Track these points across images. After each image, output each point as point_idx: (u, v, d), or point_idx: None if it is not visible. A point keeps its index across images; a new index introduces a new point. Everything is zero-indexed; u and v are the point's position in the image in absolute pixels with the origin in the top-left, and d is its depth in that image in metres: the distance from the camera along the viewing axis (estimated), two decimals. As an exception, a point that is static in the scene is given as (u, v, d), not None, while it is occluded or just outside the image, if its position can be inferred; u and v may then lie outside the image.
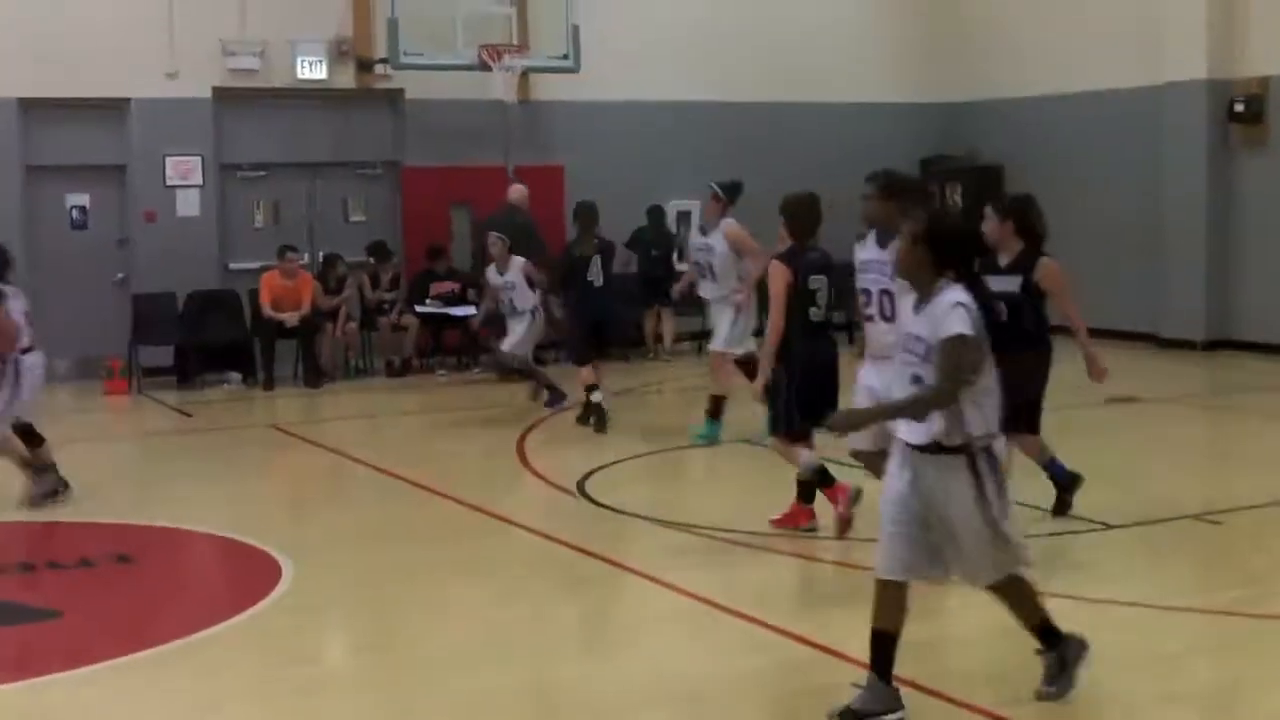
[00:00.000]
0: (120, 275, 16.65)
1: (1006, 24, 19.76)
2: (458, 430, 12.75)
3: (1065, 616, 6.90)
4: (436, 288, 16.74)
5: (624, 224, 17.13)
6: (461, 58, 16.69)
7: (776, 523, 8.66)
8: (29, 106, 16.07)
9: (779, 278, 8.43)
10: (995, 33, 19.90)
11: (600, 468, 10.66)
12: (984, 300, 5.52)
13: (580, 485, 10.08)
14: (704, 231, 12.21)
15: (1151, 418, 13.20)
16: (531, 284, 13.47)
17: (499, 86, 16.79)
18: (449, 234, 17.55)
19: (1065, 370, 8.56)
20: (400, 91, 17.55)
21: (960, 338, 5.36)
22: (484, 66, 16.69)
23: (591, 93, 17.93)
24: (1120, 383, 14.61)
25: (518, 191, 16.14)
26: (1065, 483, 8.93)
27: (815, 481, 8.59)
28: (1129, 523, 8.76)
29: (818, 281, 8.59)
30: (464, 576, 8.08)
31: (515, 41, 17.06)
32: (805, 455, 8.55)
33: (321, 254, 17.08)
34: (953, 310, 5.41)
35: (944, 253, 5.53)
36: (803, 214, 8.82)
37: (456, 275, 16.95)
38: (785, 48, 19.29)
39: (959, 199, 20.11)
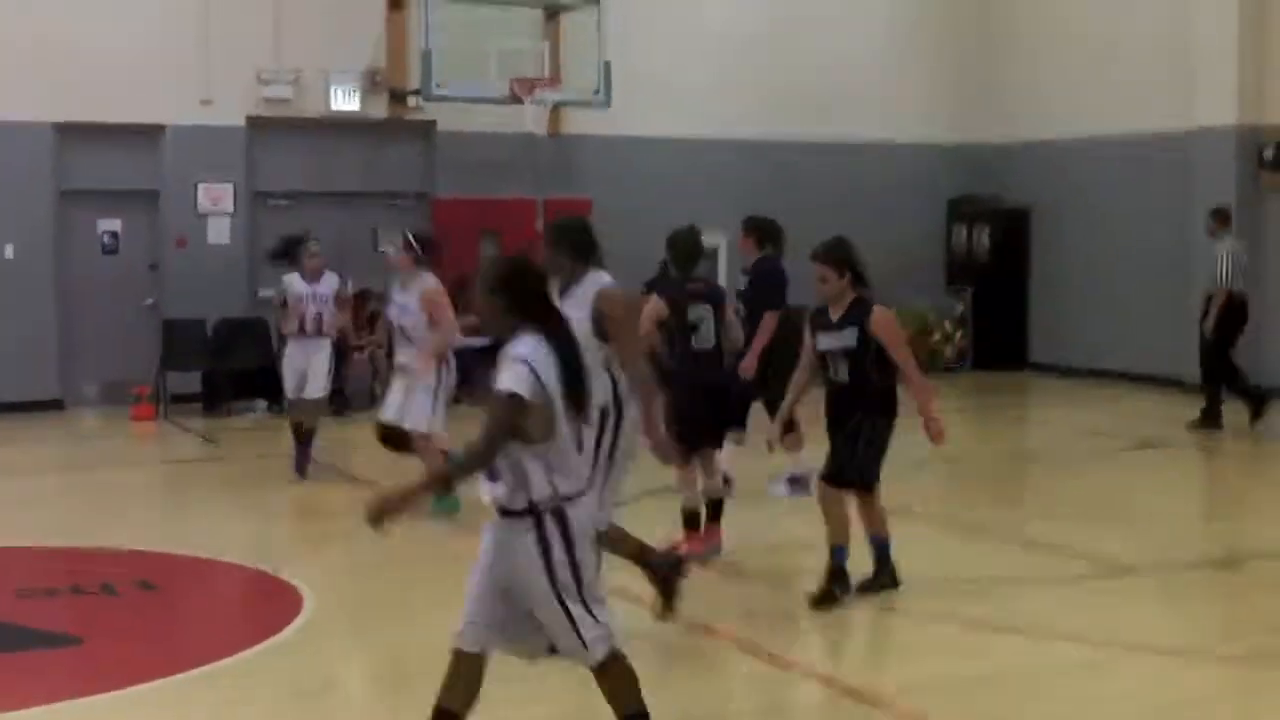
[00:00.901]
0: (150, 300, 16.77)
1: (1037, 67, 19.78)
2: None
3: (1085, 660, 6.92)
4: (464, 320, 16.77)
5: (652, 259, 17.14)
6: (493, 90, 16.78)
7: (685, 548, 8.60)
8: (63, 131, 16.22)
9: (652, 312, 8.70)
10: (1025, 75, 19.92)
11: (624, 501, 10.62)
12: (565, 347, 5.15)
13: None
14: (402, 286, 10.82)
15: (1176, 462, 13.15)
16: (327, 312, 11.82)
17: (530, 120, 16.90)
18: (478, 266, 17.60)
19: (1091, 415, 8.58)
20: (432, 123, 17.66)
21: (509, 395, 4.96)
22: (515, 99, 16.79)
23: (622, 128, 18.01)
24: (1146, 426, 14.66)
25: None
26: (879, 560, 8.11)
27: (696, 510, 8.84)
28: (1150, 567, 8.72)
29: (698, 311, 8.89)
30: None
31: (547, 75, 17.16)
32: (685, 486, 8.86)
33: (351, 288, 17.10)
34: (510, 365, 5.02)
35: (517, 299, 5.18)
36: (682, 247, 9.14)
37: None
38: (815, 87, 19.34)
39: (986, 240, 20.16)
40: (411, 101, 17.38)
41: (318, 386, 12.09)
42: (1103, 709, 6.20)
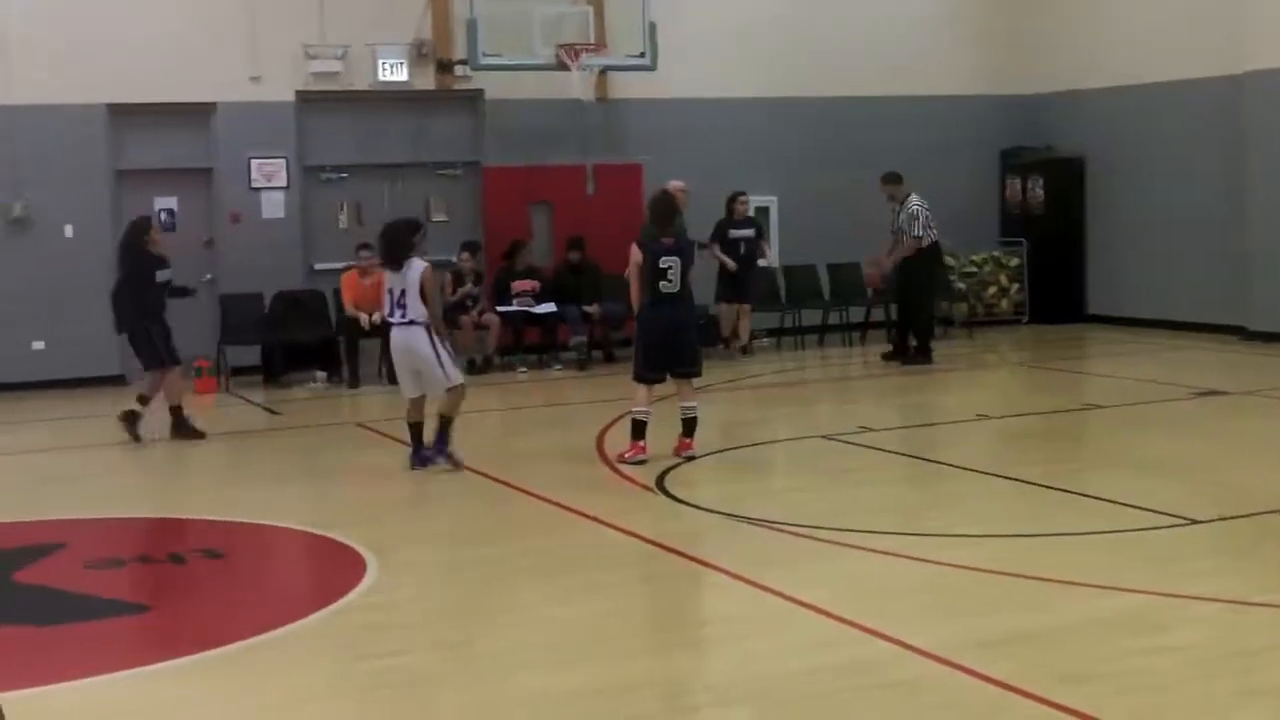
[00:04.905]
0: (208, 276, 16.93)
1: (1086, 14, 19.61)
2: (538, 427, 12.86)
3: (1147, 611, 6.90)
4: (517, 286, 16.88)
5: (704, 221, 17.09)
6: (539, 58, 16.80)
7: (619, 457, 10.80)
8: (117, 112, 16.39)
9: (633, 259, 10.75)
10: (1075, 24, 19.76)
11: (679, 464, 10.71)
12: None
13: (660, 482, 10.14)
14: None
15: (1236, 411, 13.04)
16: None
17: (577, 86, 16.90)
18: (529, 233, 17.68)
19: (1150, 365, 8.54)
20: (480, 92, 17.71)
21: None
22: (562, 66, 16.81)
23: (669, 90, 18.00)
24: (1205, 376, 14.55)
25: (675, 187, 16.42)
26: None
27: (644, 423, 10.73)
28: (1212, 517, 8.69)
29: (669, 261, 10.62)
30: (545, 573, 8.15)
31: (592, 40, 17.15)
32: (640, 403, 10.73)
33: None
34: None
35: None
36: (657, 209, 10.91)
37: (536, 273, 17.08)
38: (863, 42, 19.27)
39: (1040, 191, 20.02)
40: (459, 71, 17.43)
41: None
42: (1166, 660, 6.19)
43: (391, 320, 10.75)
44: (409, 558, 8.50)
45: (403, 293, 10.61)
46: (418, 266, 10.67)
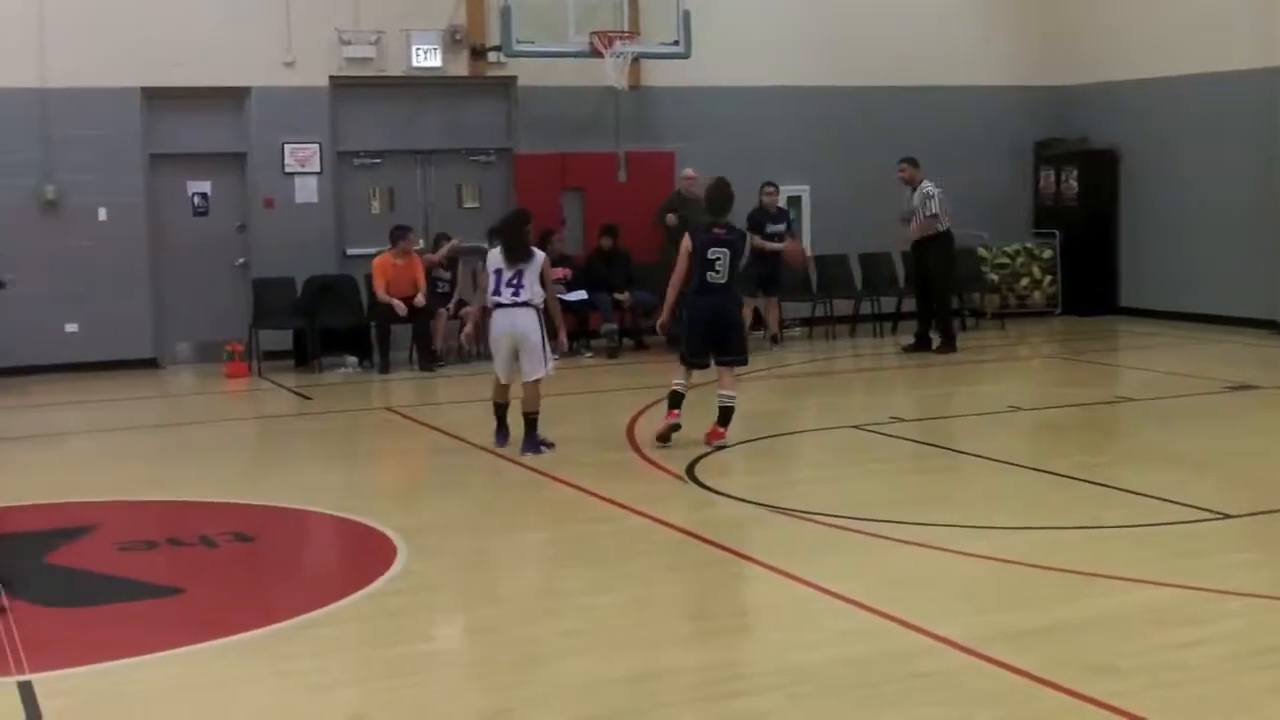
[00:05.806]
0: (240, 260, 16.99)
1: (1121, 5, 19.48)
2: (569, 414, 12.85)
3: (1179, 604, 6.87)
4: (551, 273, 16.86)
5: (738, 209, 17.03)
6: (573, 45, 16.78)
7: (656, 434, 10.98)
8: (152, 96, 16.44)
9: (683, 246, 10.83)
10: (1110, 15, 19.63)
11: (709, 453, 10.71)
12: None
13: (690, 470, 10.13)
14: None
15: (1269, 405, 12.96)
16: None
17: (610, 73, 16.88)
18: (561, 220, 17.68)
19: (1183, 359, 8.50)
20: (513, 79, 17.71)
21: None
22: (595, 53, 16.78)
23: (702, 78, 17.96)
24: (1237, 370, 14.46)
25: (687, 175, 16.69)
26: None
27: (681, 394, 10.87)
28: (1246, 512, 8.64)
29: (717, 252, 10.71)
30: (573, 560, 8.16)
31: (626, 28, 17.12)
32: (680, 377, 10.94)
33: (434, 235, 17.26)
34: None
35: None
36: (713, 197, 11.00)
37: (567, 261, 17.07)
38: (897, 32, 19.19)
39: (1074, 183, 19.92)
40: (492, 58, 17.43)
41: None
42: (1198, 654, 6.16)
43: (500, 301, 10.82)
44: (439, 543, 8.52)
45: (516, 274, 10.73)
46: (540, 254, 10.91)
